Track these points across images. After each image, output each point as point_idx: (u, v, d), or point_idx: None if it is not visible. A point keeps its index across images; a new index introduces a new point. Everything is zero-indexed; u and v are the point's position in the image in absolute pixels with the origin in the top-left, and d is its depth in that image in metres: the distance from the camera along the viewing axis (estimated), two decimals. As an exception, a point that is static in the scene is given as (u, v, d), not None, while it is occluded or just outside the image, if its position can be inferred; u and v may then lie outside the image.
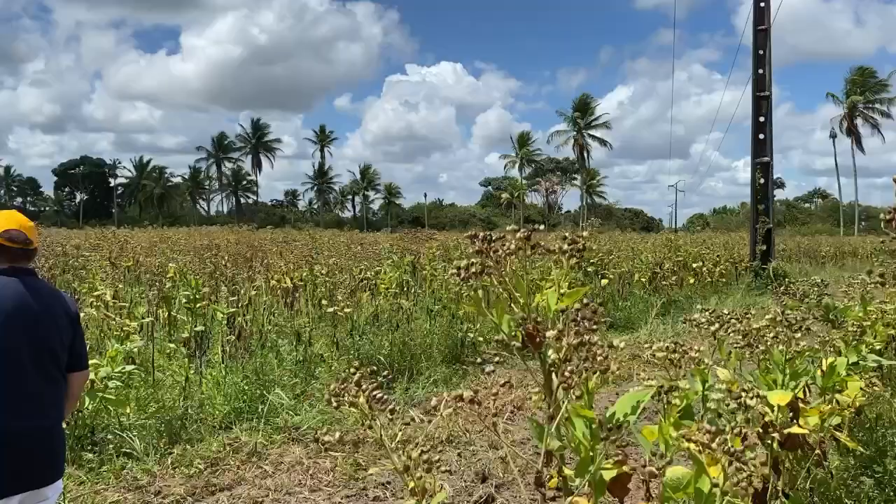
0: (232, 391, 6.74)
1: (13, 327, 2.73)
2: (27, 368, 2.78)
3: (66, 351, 2.94)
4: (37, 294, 2.85)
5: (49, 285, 3.11)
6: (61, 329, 2.92)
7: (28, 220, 2.94)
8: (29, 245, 2.88)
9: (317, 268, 9.96)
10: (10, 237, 2.81)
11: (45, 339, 2.85)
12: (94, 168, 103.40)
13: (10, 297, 2.75)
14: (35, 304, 2.82)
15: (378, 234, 32.75)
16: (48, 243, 11.84)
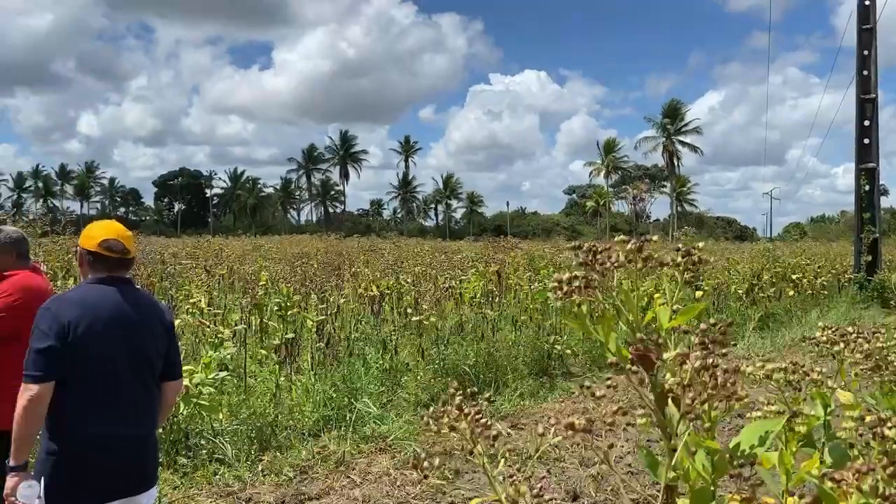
0: (320, 398, 6.79)
1: (111, 336, 2.77)
2: (124, 377, 2.81)
3: (161, 360, 2.97)
4: (134, 303, 2.89)
5: (146, 294, 3.15)
6: (157, 338, 2.95)
7: (126, 229, 2.99)
8: (126, 255, 2.92)
9: (402, 276, 9.97)
10: (109, 247, 2.86)
11: (141, 347, 2.88)
12: (191, 179, 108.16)
13: (108, 306, 2.80)
14: (132, 313, 2.86)
15: (461, 243, 32.79)
16: (147, 252, 12.34)
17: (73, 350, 2.68)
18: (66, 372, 2.68)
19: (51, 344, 2.64)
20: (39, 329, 2.68)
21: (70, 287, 6.17)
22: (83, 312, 2.73)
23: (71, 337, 2.67)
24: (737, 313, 13.34)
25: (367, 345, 8.53)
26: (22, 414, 2.63)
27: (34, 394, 2.61)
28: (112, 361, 2.78)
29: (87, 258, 2.89)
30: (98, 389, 2.75)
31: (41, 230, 9.42)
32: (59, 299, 2.79)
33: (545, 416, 5.41)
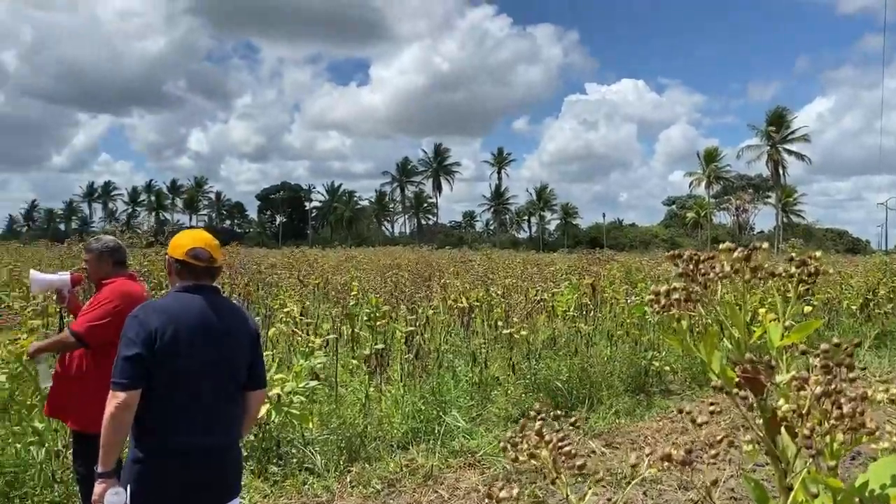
0: (409, 410, 6.75)
1: (196, 344, 2.77)
2: (209, 386, 2.81)
3: (245, 369, 2.96)
4: (220, 311, 2.89)
5: (232, 303, 3.16)
6: (242, 347, 2.94)
7: (213, 238, 3.00)
8: (213, 263, 2.93)
9: (492, 288, 9.85)
10: (196, 255, 2.88)
11: (227, 356, 2.87)
12: (292, 193, 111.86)
13: (194, 315, 2.81)
14: (218, 322, 2.86)
15: (554, 255, 32.34)
16: (245, 262, 12.72)
17: (159, 358, 2.69)
18: (152, 380, 2.70)
19: (138, 352, 2.66)
20: (127, 337, 2.71)
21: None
22: (169, 320, 2.74)
23: (157, 345, 2.69)
24: (850, 330, 12.51)
25: (457, 357, 8.45)
26: (109, 421, 2.66)
27: (121, 401, 2.64)
28: (197, 370, 2.78)
29: (175, 266, 2.91)
30: (183, 398, 2.75)
31: (147, 241, 9.83)
32: (147, 307, 2.82)
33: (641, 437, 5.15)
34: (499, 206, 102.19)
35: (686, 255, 1.47)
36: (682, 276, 1.47)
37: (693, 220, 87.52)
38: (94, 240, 4.35)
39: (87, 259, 4.25)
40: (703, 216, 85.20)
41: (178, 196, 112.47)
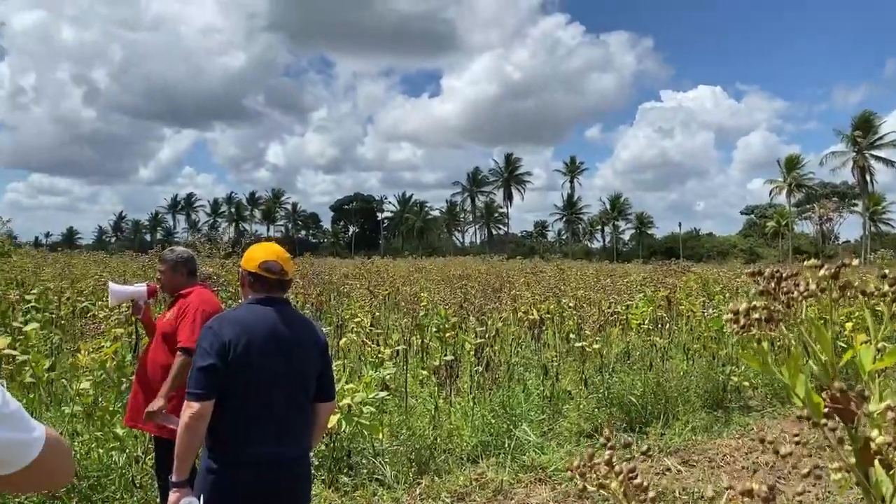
0: (479, 423, 6.69)
1: (268, 356, 2.81)
2: (279, 397, 2.84)
3: (315, 380, 2.98)
4: (291, 323, 2.92)
5: (302, 315, 3.19)
6: (312, 358, 2.96)
7: (285, 252, 3.05)
8: (284, 276, 2.97)
9: (564, 300, 9.71)
10: (268, 268, 2.92)
11: (296, 368, 2.90)
12: (364, 204, 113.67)
13: (265, 326, 2.84)
14: (289, 333, 2.89)
15: (628, 266, 31.77)
16: (318, 272, 12.94)
17: (232, 369, 2.73)
18: (225, 390, 2.75)
19: (212, 362, 2.71)
20: (202, 347, 2.76)
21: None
22: (242, 331, 2.78)
23: (231, 355, 2.73)
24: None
25: (528, 370, 8.35)
26: (184, 430, 2.71)
27: (195, 411, 2.69)
28: (268, 381, 2.81)
29: (248, 279, 2.96)
30: (254, 409, 2.78)
31: (225, 252, 10.10)
32: (221, 318, 2.87)
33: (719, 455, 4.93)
34: (571, 216, 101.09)
35: (767, 272, 1.38)
36: (763, 294, 1.39)
37: (773, 230, 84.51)
38: (169, 251, 4.47)
39: (163, 270, 4.37)
40: (783, 225, 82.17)
41: (256, 207, 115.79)
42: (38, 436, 1.26)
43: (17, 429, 1.23)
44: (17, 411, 1.24)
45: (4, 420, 1.20)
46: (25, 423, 1.25)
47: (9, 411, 1.21)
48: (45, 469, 1.28)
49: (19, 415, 1.24)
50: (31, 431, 1.25)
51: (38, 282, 10.18)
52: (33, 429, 1.26)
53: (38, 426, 1.28)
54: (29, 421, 1.26)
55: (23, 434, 1.23)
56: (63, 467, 1.36)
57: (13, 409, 1.23)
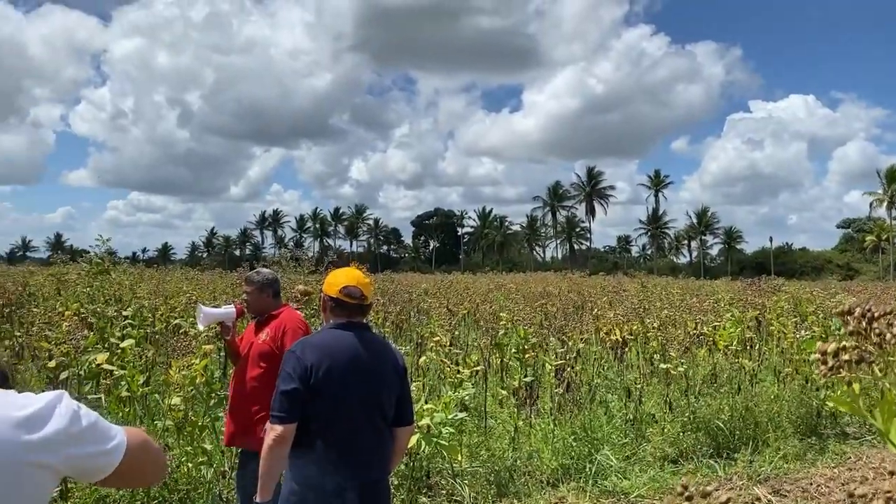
0: (560, 446, 6.59)
1: (348, 380, 2.86)
2: (360, 421, 2.88)
3: (393, 404, 3.01)
4: (370, 348, 2.97)
5: (381, 339, 3.23)
6: (391, 383, 3.00)
7: (365, 276, 3.10)
8: (364, 301, 3.02)
9: (648, 320, 9.48)
10: (349, 293, 2.97)
11: (376, 392, 2.94)
12: (444, 219, 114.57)
13: (346, 351, 2.90)
14: (368, 358, 2.93)
15: (716, 283, 30.75)
16: (399, 289, 13.07)
17: (315, 392, 2.79)
18: (308, 414, 2.81)
19: (295, 386, 2.78)
20: (285, 371, 2.83)
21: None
22: (324, 356, 2.84)
23: (313, 380, 2.79)
24: None
25: (610, 392, 8.18)
26: (267, 452, 2.78)
27: (278, 434, 2.76)
28: (349, 405, 2.86)
29: (329, 304, 3.03)
30: (335, 432, 2.83)
31: (310, 269, 10.35)
32: (303, 343, 2.94)
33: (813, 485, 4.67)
34: (656, 231, 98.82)
35: (858, 312, 1.32)
36: (854, 335, 1.32)
37: (872, 245, 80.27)
38: (255, 273, 4.60)
39: (249, 291, 4.49)
40: (884, 240, 77.93)
41: (339, 223, 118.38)
42: (117, 443, 1.31)
43: (96, 441, 1.28)
44: (93, 424, 1.29)
45: (83, 435, 1.26)
46: (103, 434, 1.30)
47: (86, 425, 1.27)
48: (131, 471, 1.34)
49: (95, 427, 1.30)
50: (110, 440, 1.30)
51: (134, 298, 10.69)
52: (113, 437, 1.31)
53: (118, 433, 1.33)
54: (107, 431, 1.31)
55: (102, 445, 1.29)
56: (150, 466, 1.42)
57: (91, 422, 1.29)
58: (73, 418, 1.25)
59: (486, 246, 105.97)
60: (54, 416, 1.23)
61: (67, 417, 1.24)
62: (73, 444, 1.24)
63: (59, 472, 1.25)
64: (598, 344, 9.63)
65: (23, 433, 1.18)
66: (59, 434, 1.22)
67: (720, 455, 7.15)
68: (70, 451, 1.24)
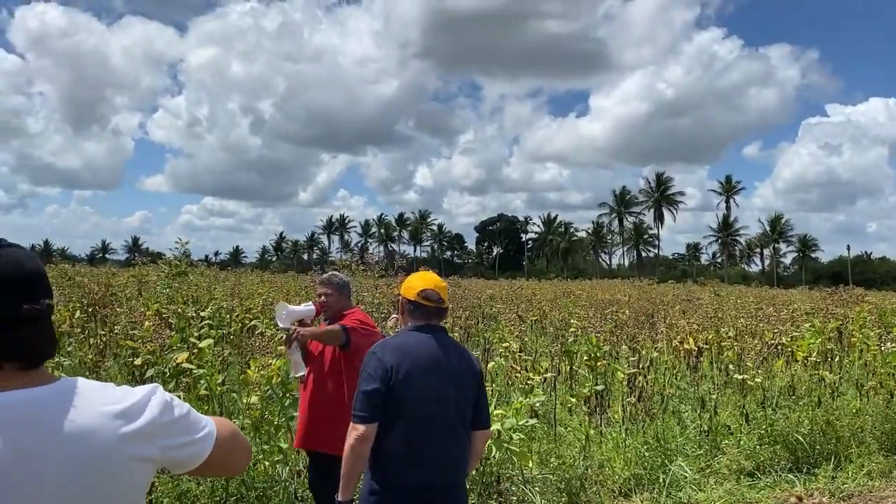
0: (632, 456, 6.48)
1: (427, 382, 2.88)
2: (438, 423, 2.90)
3: (470, 408, 3.02)
4: (447, 351, 3.00)
5: (457, 343, 3.25)
6: (468, 386, 3.02)
7: (441, 280, 3.15)
8: (441, 304, 3.06)
9: (722, 329, 9.23)
10: (427, 296, 3.01)
11: (454, 394, 2.96)
12: (508, 225, 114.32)
13: (425, 353, 2.93)
14: (446, 361, 2.96)
15: (792, 292, 29.78)
16: (466, 295, 13.08)
17: (394, 394, 2.84)
18: (388, 415, 2.84)
19: (376, 387, 2.83)
20: (366, 372, 2.88)
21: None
22: (403, 358, 2.88)
23: (393, 381, 2.84)
24: None
25: (683, 402, 8.00)
26: (349, 452, 2.83)
27: (360, 434, 2.80)
28: (427, 407, 2.89)
29: (408, 307, 3.06)
30: (414, 434, 2.86)
31: (379, 274, 10.45)
32: (383, 345, 2.99)
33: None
34: (727, 238, 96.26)
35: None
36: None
37: (962, 254, 76.30)
38: (332, 275, 4.72)
39: (329, 293, 4.60)
40: (974, 249, 74.05)
41: (404, 228, 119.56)
42: (207, 433, 1.35)
43: (187, 431, 1.32)
44: (186, 414, 1.34)
45: (175, 424, 1.30)
46: (194, 424, 1.34)
47: (178, 415, 1.31)
48: (220, 459, 1.38)
49: (187, 417, 1.34)
50: (200, 430, 1.34)
51: (211, 299, 11.01)
52: (203, 427, 1.35)
53: (208, 423, 1.37)
54: (198, 421, 1.36)
55: (193, 435, 1.33)
56: (237, 455, 1.46)
57: (182, 413, 1.33)
58: (165, 409, 1.29)
59: (550, 252, 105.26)
60: (149, 407, 1.27)
61: (160, 408, 1.28)
62: (167, 434, 1.28)
63: (155, 463, 1.29)
64: (670, 353, 9.43)
65: (121, 425, 1.22)
66: (154, 424, 1.26)
67: (799, 469, 6.91)
68: (165, 441, 1.28)
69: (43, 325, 1.25)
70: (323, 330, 4.33)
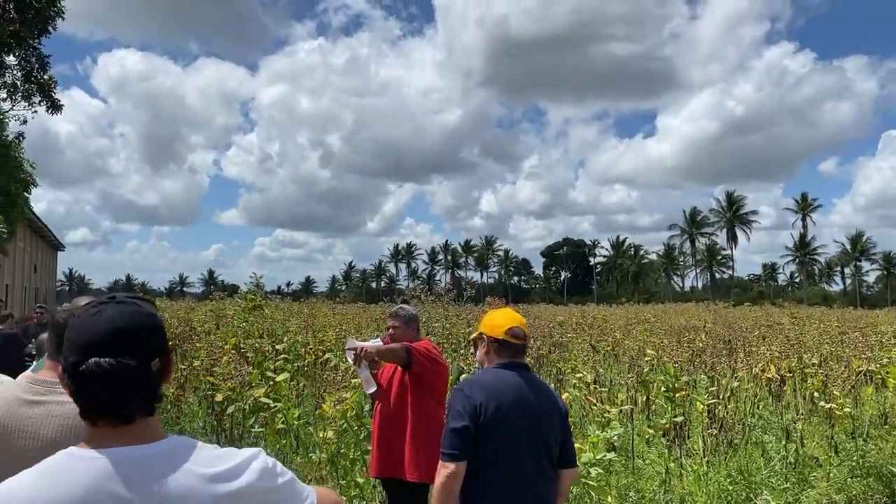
0: (714, 489, 6.26)
1: (515, 420, 2.86)
2: (526, 462, 2.88)
3: (557, 446, 2.99)
4: (534, 388, 2.98)
5: (540, 380, 3.23)
6: (555, 425, 2.98)
7: (521, 317, 3.13)
8: (526, 341, 3.07)
9: (806, 356, 8.88)
10: (514, 334, 3.01)
11: (541, 433, 2.93)
12: (575, 248, 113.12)
13: (511, 391, 2.91)
14: (533, 399, 2.93)
15: (877, 313, 28.44)
16: (537, 323, 12.96)
17: (483, 432, 2.82)
18: (477, 453, 2.84)
19: (465, 424, 2.82)
20: (455, 409, 2.88)
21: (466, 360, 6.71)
22: (492, 396, 2.87)
23: (482, 419, 2.83)
24: None
25: (767, 432, 7.70)
26: (439, 490, 2.82)
27: (451, 472, 2.80)
28: (515, 445, 2.86)
29: (494, 345, 3.06)
30: (503, 473, 2.84)
31: (448, 303, 10.48)
32: (471, 382, 2.99)
33: None
34: (804, 257, 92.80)
35: None
36: None
37: None
38: (399, 308, 4.77)
39: (396, 325, 4.66)
40: None
41: (470, 254, 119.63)
42: (310, 502, 1.37)
43: (291, 498, 1.34)
44: (290, 481, 1.35)
45: (276, 492, 1.32)
46: (297, 492, 1.36)
47: (280, 482, 1.33)
48: None
49: (291, 484, 1.36)
50: (303, 500, 1.36)
51: (286, 332, 11.25)
52: (305, 498, 1.37)
53: (310, 492, 1.39)
54: (301, 491, 1.37)
55: (296, 502, 1.35)
56: None
57: (285, 480, 1.34)
58: (265, 474, 1.31)
59: (619, 276, 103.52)
60: (248, 470, 1.29)
61: (260, 472, 1.30)
62: (265, 500, 1.29)
63: None
64: (750, 381, 9.11)
65: (217, 486, 1.25)
66: (251, 488, 1.27)
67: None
68: None
69: (134, 381, 1.26)
70: (386, 347, 4.39)
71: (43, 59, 17.26)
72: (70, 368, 1.25)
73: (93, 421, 1.26)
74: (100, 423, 1.26)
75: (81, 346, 1.26)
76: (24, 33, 16.43)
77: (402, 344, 4.33)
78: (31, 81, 17.28)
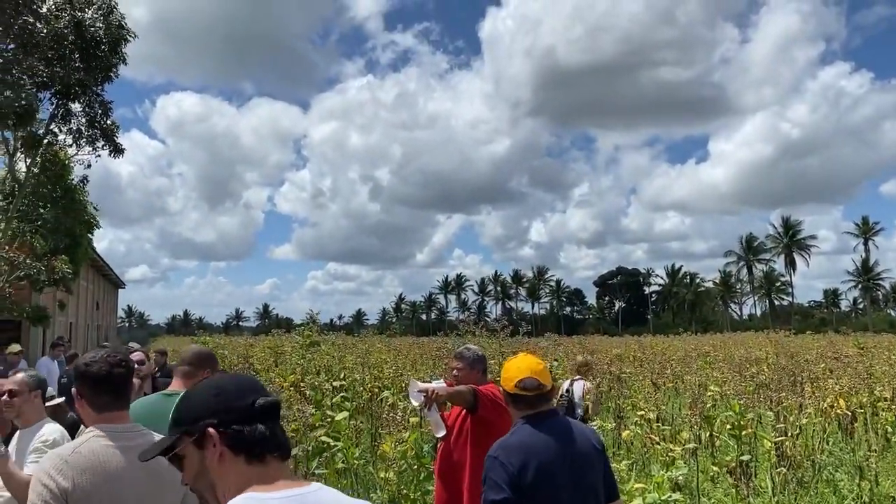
0: (785, 531, 6.06)
1: (556, 475, 2.76)
2: None
3: (602, 486, 2.90)
4: (568, 435, 2.88)
5: (572, 422, 3.11)
6: (595, 465, 2.90)
7: (539, 362, 3.00)
8: (542, 390, 2.92)
9: (877, 389, 8.55)
10: (524, 386, 2.89)
11: (584, 478, 2.83)
12: (629, 277, 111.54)
13: (547, 444, 2.81)
14: (568, 446, 2.84)
15: (951, 340, 27.18)
16: (596, 359, 12.75)
17: (525, 495, 2.71)
18: None
19: (505, 496, 2.70)
20: (490, 479, 2.77)
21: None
22: (527, 457, 2.76)
23: (522, 483, 2.72)
24: None
25: (838, 470, 7.42)
26: None
27: None
28: (563, 498, 2.77)
29: (509, 400, 2.98)
30: None
31: (503, 338, 10.42)
32: (502, 447, 2.87)
33: None
34: (868, 282, 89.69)
35: None
36: None
37: None
38: (465, 349, 4.72)
39: (460, 367, 4.61)
40: None
41: (520, 285, 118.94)
42: None
43: None
44: None
45: None
46: None
47: None
48: None
49: None
50: None
51: (342, 369, 11.33)
52: None
53: None
54: None
55: None
56: None
57: None
58: None
59: (675, 305, 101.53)
60: None
61: None
62: None
63: None
64: (819, 415, 8.81)
65: None
66: None
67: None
68: None
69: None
70: (454, 389, 4.34)
71: (106, 104, 17.92)
72: (247, 409, 1.32)
73: (261, 458, 1.30)
74: (268, 460, 1.30)
75: (246, 389, 1.37)
76: (88, 81, 17.11)
77: (470, 386, 4.31)
78: (94, 127, 17.95)
